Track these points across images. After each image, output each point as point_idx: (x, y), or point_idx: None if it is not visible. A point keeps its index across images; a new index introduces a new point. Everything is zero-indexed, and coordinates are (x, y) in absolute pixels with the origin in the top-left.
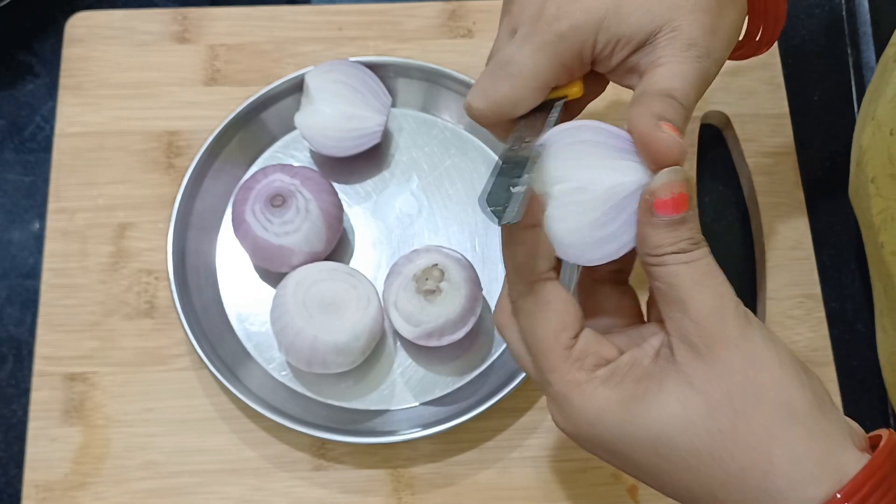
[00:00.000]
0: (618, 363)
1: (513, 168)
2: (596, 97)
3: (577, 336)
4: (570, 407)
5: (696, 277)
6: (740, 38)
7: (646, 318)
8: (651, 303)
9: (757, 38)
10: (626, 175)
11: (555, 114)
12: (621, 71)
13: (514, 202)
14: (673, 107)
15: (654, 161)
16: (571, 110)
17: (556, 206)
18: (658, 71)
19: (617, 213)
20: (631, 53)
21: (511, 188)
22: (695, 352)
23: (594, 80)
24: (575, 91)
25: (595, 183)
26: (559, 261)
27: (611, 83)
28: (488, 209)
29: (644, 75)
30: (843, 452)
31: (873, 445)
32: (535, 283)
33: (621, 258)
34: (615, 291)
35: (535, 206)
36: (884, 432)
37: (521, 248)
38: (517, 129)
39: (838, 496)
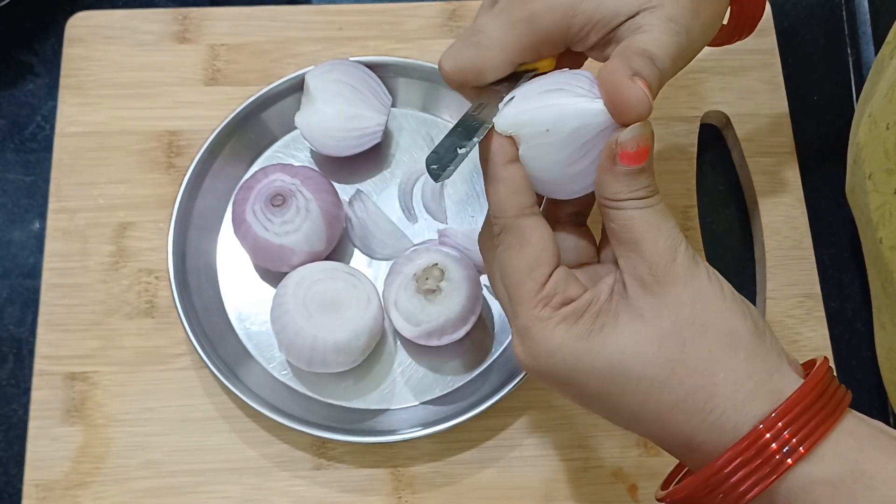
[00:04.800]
0: (578, 302)
1: (465, 131)
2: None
3: (551, 273)
4: (532, 340)
5: (650, 221)
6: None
7: (599, 259)
8: (603, 244)
9: (738, 23)
10: (589, 117)
11: (522, 84)
12: (599, 47)
13: (456, 162)
14: (649, 66)
15: (620, 112)
16: None
17: (526, 147)
18: (639, 37)
19: (585, 152)
20: (608, 33)
21: (458, 149)
22: (646, 288)
23: (571, 55)
24: (545, 65)
25: (560, 124)
26: (539, 198)
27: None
28: (430, 167)
29: (625, 40)
30: (781, 375)
31: (808, 372)
32: (517, 217)
33: (581, 201)
34: (574, 232)
35: (509, 143)
36: (818, 359)
37: (502, 184)
38: (482, 96)
39: (773, 415)
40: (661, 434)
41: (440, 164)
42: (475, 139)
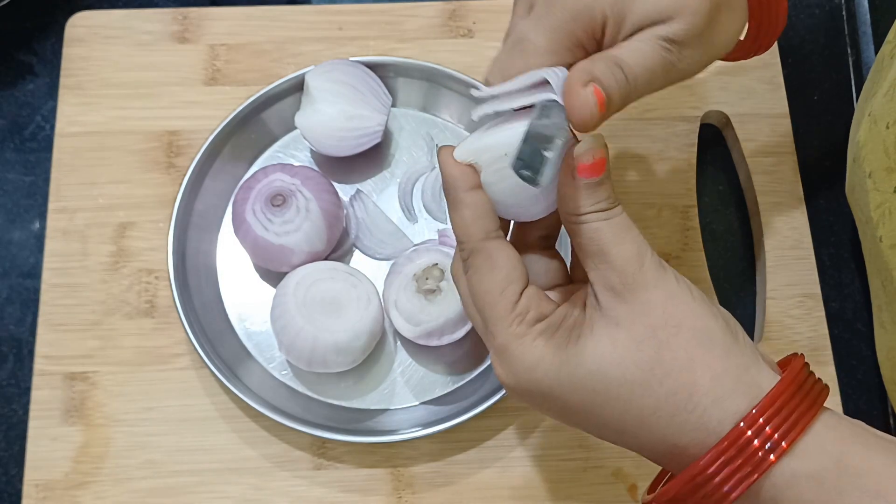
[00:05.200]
0: (553, 317)
1: (540, 137)
2: None
3: (522, 292)
4: (511, 357)
5: (614, 231)
6: (741, 37)
7: (571, 280)
8: (574, 265)
9: (756, 39)
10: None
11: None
12: None
13: (549, 165)
14: (615, 74)
15: (570, 115)
16: None
17: (487, 172)
18: (622, 44)
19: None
20: (627, 37)
21: (544, 153)
22: (618, 296)
23: None
24: None
25: (516, 147)
26: (505, 221)
27: None
28: (523, 173)
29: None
30: (758, 370)
31: (784, 369)
32: (483, 240)
33: (548, 224)
34: (543, 256)
35: (470, 170)
36: (793, 356)
37: (467, 210)
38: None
39: (754, 411)
40: (648, 441)
41: (532, 168)
42: (558, 141)
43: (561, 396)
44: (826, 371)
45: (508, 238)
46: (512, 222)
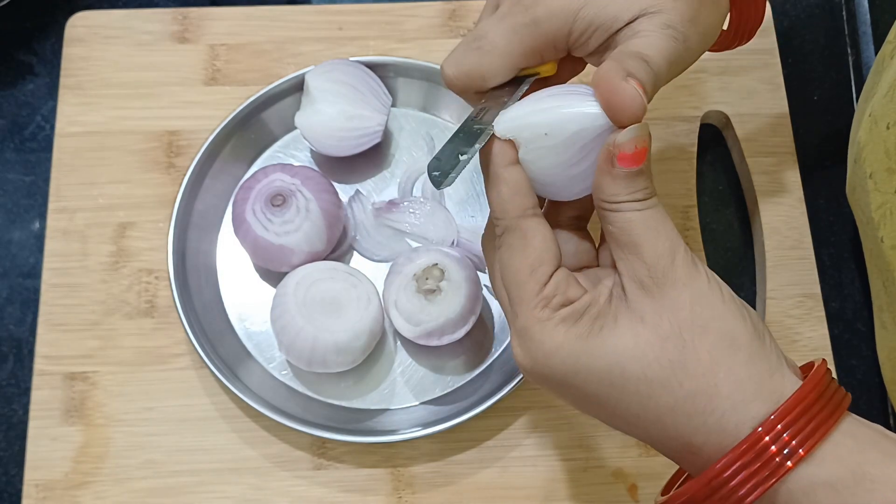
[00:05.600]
0: (578, 304)
1: (467, 137)
2: (572, 77)
3: (552, 273)
4: (531, 341)
5: (649, 223)
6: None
7: (598, 263)
8: (602, 247)
9: (738, 29)
10: (588, 121)
11: (524, 88)
12: (599, 52)
13: (458, 169)
14: (643, 67)
15: (615, 112)
16: (545, 86)
17: (525, 150)
18: (634, 41)
19: (584, 155)
20: (608, 38)
21: (460, 156)
22: (645, 291)
23: (571, 61)
24: (547, 69)
25: (558, 128)
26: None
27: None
28: (432, 174)
29: (621, 45)
30: (781, 377)
31: (807, 374)
32: (519, 218)
33: (582, 205)
34: (574, 236)
35: (510, 146)
36: (816, 361)
37: (504, 186)
38: (484, 101)
39: (773, 417)
40: (661, 437)
41: (442, 170)
42: (477, 145)
43: (576, 385)
44: None
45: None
46: (546, 200)
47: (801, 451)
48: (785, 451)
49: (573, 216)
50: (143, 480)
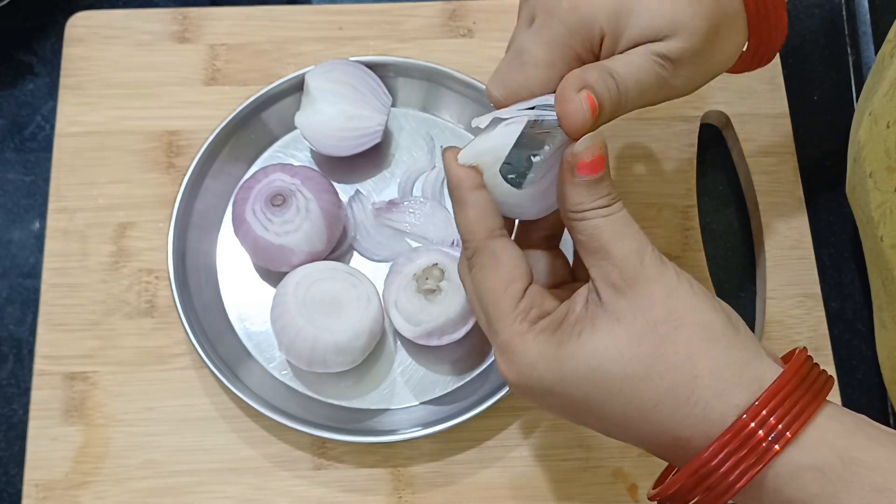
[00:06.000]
0: (555, 314)
1: (531, 142)
2: None
3: (525, 289)
4: (514, 354)
5: (615, 227)
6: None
7: (574, 278)
8: (577, 263)
9: (756, 53)
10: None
11: None
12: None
13: (534, 170)
14: (607, 83)
15: (563, 121)
16: None
17: (489, 174)
18: (617, 56)
19: (545, 172)
20: (623, 52)
21: (532, 157)
22: (619, 292)
23: None
24: None
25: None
26: (509, 221)
27: None
28: (508, 176)
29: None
30: (760, 363)
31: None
32: (487, 239)
33: (551, 224)
34: (547, 255)
35: (474, 171)
36: (797, 349)
37: (471, 209)
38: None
39: (757, 403)
40: (650, 435)
41: (518, 172)
42: (547, 147)
43: (563, 392)
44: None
45: (513, 238)
46: (516, 222)
47: (787, 433)
48: (772, 436)
49: (544, 236)
50: (143, 480)
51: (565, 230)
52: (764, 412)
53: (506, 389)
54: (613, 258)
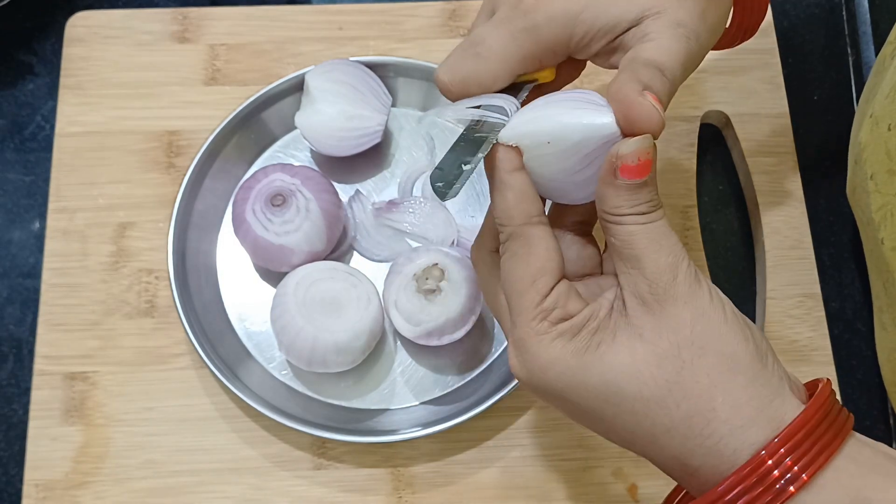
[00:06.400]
0: (577, 318)
1: (468, 146)
2: (570, 81)
3: (554, 285)
4: (527, 353)
5: (651, 237)
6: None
7: (602, 270)
8: (607, 254)
9: (740, 26)
10: (590, 130)
11: (523, 95)
12: (603, 54)
13: (462, 179)
14: (659, 78)
15: (633, 128)
16: (543, 92)
17: (529, 156)
18: (646, 45)
19: (589, 162)
20: (612, 41)
21: (463, 166)
22: (646, 306)
23: (569, 65)
24: (546, 75)
25: (561, 137)
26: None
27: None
28: (436, 185)
29: (631, 49)
30: (782, 401)
31: (811, 395)
32: (524, 225)
33: (586, 210)
34: (578, 241)
35: (517, 154)
36: (821, 380)
37: (510, 192)
38: (481, 107)
39: (776, 440)
40: (657, 455)
41: (445, 181)
42: (480, 154)
43: (572, 400)
44: (826, 371)
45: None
46: (550, 204)
47: (803, 476)
48: (787, 476)
49: (577, 221)
50: (143, 480)
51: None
52: (782, 451)
53: (506, 389)
54: (645, 269)
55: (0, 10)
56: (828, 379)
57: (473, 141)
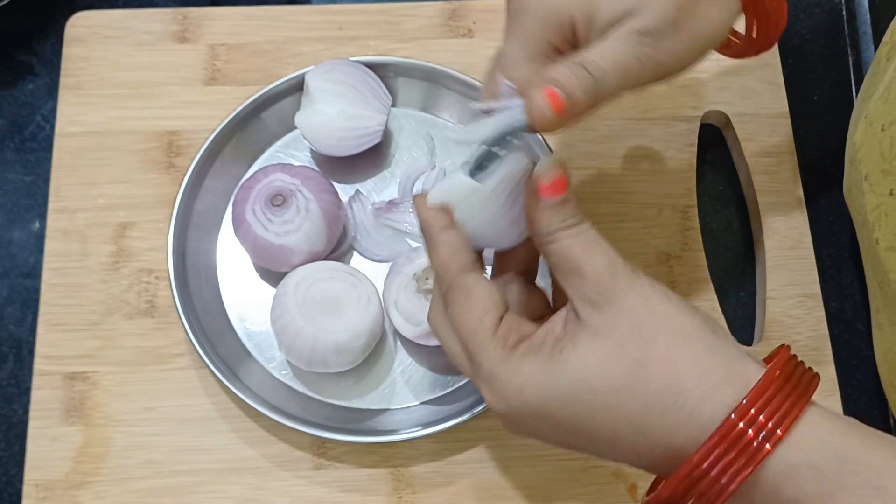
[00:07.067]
0: (535, 336)
1: (495, 140)
2: None
3: (501, 318)
4: (498, 382)
5: (584, 245)
6: (736, 38)
7: (553, 309)
8: (555, 295)
9: (754, 37)
10: (508, 168)
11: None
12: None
13: (497, 163)
14: (578, 75)
15: (530, 118)
16: None
17: (460, 209)
18: (595, 44)
19: (513, 200)
20: (601, 34)
21: (497, 151)
22: (595, 307)
23: None
24: None
25: (483, 182)
26: (479, 255)
27: None
28: (475, 172)
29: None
30: (743, 363)
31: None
32: (459, 274)
33: (526, 258)
34: (524, 289)
35: (443, 210)
36: (779, 348)
37: (442, 247)
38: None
39: (744, 402)
40: (643, 446)
41: (482, 167)
42: (515, 141)
43: (551, 414)
44: (826, 371)
45: (490, 276)
46: (492, 260)
47: (778, 431)
48: (761, 435)
49: (520, 271)
50: (143, 480)
51: (540, 263)
52: (752, 411)
53: None
54: (586, 275)
55: (0, 10)
56: (787, 345)
57: (504, 138)
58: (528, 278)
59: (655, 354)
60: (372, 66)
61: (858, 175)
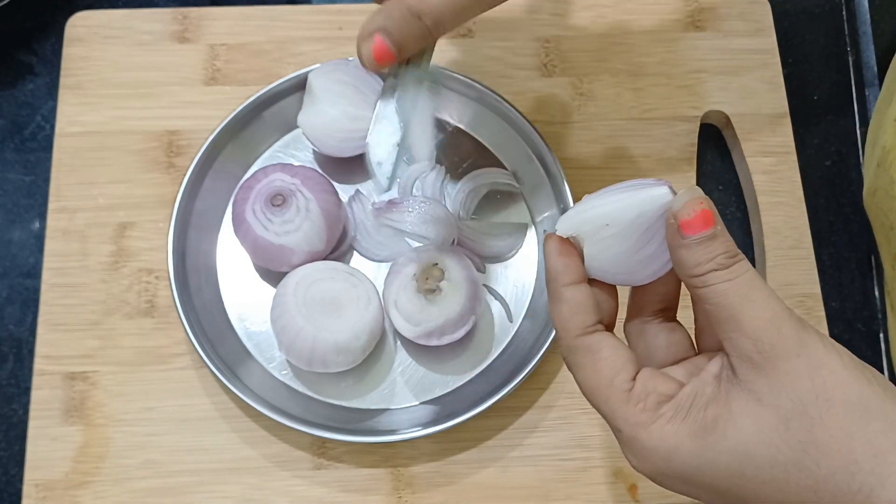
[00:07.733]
0: (680, 396)
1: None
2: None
3: (634, 378)
4: (643, 448)
5: (742, 292)
6: None
7: (696, 350)
8: (699, 333)
9: None
10: (644, 204)
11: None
12: None
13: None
14: (406, 20)
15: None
16: None
17: (590, 243)
18: None
19: (651, 237)
20: None
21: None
22: (756, 368)
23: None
24: None
25: (618, 217)
26: (609, 315)
27: None
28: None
29: None
30: None
31: None
32: (581, 336)
33: (665, 296)
34: (664, 328)
35: (572, 261)
36: None
37: (565, 305)
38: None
39: None
40: None
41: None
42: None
43: (706, 483)
44: None
45: (626, 314)
46: (629, 298)
47: None
48: None
49: (658, 308)
50: (143, 480)
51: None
52: None
53: (506, 389)
54: (746, 329)
55: (0, 10)
56: None
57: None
58: (668, 315)
59: (828, 433)
60: None
61: (888, 178)
